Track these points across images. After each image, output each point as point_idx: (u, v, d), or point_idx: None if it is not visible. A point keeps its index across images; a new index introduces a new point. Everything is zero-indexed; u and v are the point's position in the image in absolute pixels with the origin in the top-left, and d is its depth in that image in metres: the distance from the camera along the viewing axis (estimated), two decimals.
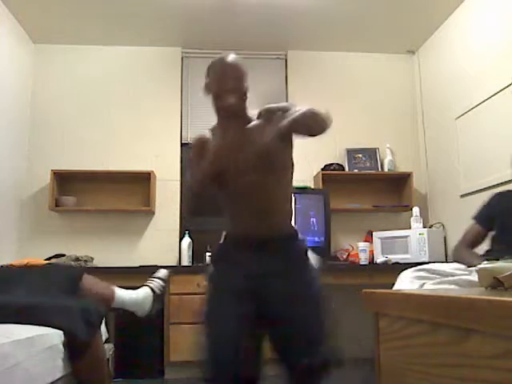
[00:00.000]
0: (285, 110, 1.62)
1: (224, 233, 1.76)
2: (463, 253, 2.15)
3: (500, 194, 2.29)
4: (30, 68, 3.78)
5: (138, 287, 2.12)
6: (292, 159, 1.75)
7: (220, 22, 3.55)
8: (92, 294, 1.96)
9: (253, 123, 1.70)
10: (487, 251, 2.16)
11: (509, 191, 2.29)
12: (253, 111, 1.73)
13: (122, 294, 2.04)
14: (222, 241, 1.75)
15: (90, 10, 3.36)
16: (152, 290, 2.11)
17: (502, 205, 2.20)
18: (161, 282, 2.17)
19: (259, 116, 1.71)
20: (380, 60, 4.06)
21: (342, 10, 3.40)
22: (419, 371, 0.87)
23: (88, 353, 1.67)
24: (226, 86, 1.64)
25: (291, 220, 1.77)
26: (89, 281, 1.92)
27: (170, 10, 3.38)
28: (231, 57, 1.70)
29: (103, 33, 3.71)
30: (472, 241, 2.22)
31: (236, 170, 1.62)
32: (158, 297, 2.13)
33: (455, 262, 2.10)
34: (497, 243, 2.16)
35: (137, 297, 2.06)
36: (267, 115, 1.67)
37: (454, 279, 1.76)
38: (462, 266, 1.94)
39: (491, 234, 2.21)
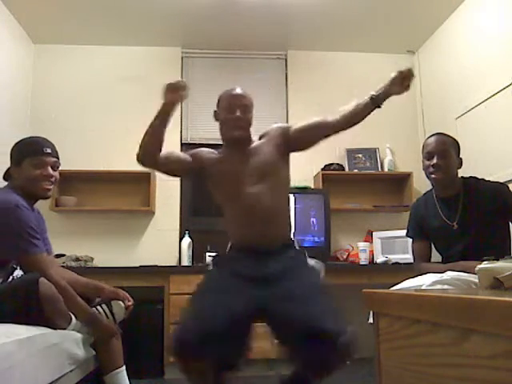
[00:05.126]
0: (285, 127, 1.91)
1: (230, 243, 1.87)
2: (427, 266, 2.09)
3: (414, 204, 2.34)
4: (30, 68, 3.77)
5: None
6: (289, 177, 1.91)
7: (220, 22, 3.54)
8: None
9: (255, 144, 1.89)
10: (442, 259, 2.15)
11: (418, 199, 2.30)
12: (254, 136, 1.93)
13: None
14: (228, 249, 1.87)
15: (89, 10, 3.36)
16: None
17: (418, 214, 2.24)
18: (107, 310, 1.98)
19: (261, 138, 1.92)
20: (380, 60, 4.05)
21: (342, 10, 3.40)
22: (419, 371, 0.87)
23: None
24: (233, 115, 1.82)
25: (291, 231, 1.91)
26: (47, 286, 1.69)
27: (170, 10, 3.38)
28: (239, 89, 1.90)
29: (103, 33, 3.71)
30: (424, 255, 2.19)
31: (241, 187, 1.77)
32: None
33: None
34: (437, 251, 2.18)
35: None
36: (268, 134, 1.91)
37: (447, 279, 1.74)
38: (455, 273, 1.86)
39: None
